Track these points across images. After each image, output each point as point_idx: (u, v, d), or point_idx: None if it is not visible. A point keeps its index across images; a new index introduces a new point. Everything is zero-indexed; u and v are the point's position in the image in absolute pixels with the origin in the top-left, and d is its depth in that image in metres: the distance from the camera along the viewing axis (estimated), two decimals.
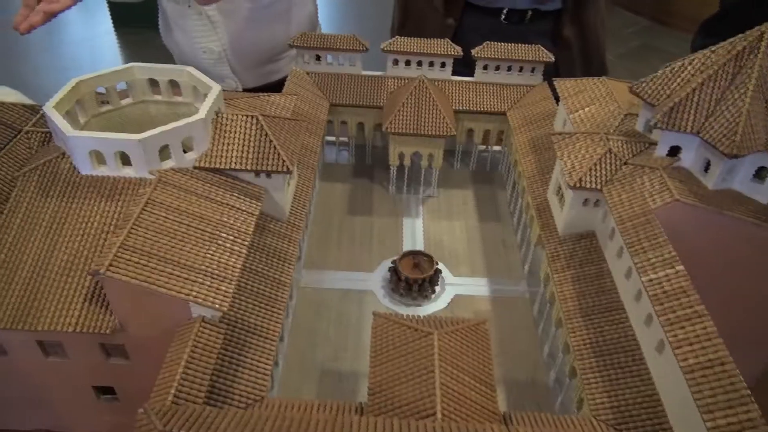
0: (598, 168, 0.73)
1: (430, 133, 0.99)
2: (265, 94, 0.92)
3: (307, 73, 1.11)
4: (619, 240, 0.68)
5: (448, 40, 1.10)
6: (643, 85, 0.73)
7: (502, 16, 1.24)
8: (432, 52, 1.08)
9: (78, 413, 0.72)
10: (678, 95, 0.68)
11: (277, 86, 1.41)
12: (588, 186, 0.72)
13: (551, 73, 1.08)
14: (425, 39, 1.10)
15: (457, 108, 1.09)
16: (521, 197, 1.00)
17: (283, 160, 0.72)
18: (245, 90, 1.38)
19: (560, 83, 0.95)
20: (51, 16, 0.78)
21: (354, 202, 1.10)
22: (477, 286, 0.94)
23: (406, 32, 1.31)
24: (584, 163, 0.74)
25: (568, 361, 0.71)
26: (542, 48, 1.09)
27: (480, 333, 0.61)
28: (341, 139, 1.21)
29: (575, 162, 0.75)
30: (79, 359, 0.65)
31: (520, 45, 1.09)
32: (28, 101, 1.13)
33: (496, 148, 1.21)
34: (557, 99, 1.02)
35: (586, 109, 0.87)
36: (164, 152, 0.70)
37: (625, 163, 0.73)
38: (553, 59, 1.08)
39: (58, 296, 0.61)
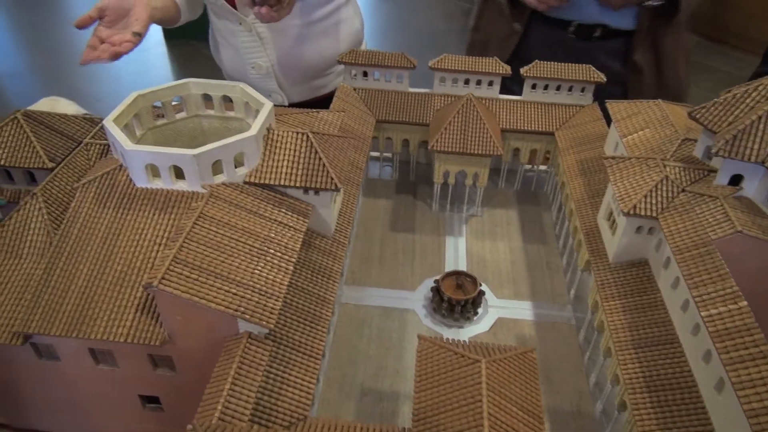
0: (654, 195, 0.70)
1: (476, 152, 0.98)
2: (314, 110, 0.93)
3: (354, 89, 1.12)
4: (675, 270, 0.65)
5: (497, 59, 1.09)
6: (703, 110, 0.71)
7: (570, 30, 1.23)
8: (480, 70, 1.07)
9: (123, 420, 0.73)
10: (742, 122, 0.66)
11: (322, 101, 1.43)
12: (643, 213, 0.70)
13: (618, 96, 1.05)
14: (473, 57, 1.09)
15: (504, 127, 1.07)
16: (568, 220, 0.98)
17: (332, 178, 0.73)
18: (291, 104, 1.40)
19: (613, 105, 0.93)
20: (117, 56, 0.81)
21: (396, 218, 1.09)
22: (520, 310, 0.92)
23: (478, 35, 1.32)
24: (639, 190, 0.71)
25: (617, 393, 0.69)
26: (593, 68, 1.07)
27: (528, 361, 0.60)
28: (385, 154, 1.21)
29: (629, 188, 0.72)
30: (128, 368, 0.66)
31: (570, 64, 1.07)
32: (83, 111, 1.17)
33: (542, 167, 1.19)
34: (608, 121, 1.00)
35: (640, 132, 0.84)
36: (216, 166, 0.71)
37: (683, 191, 0.70)
38: (605, 80, 1.05)
39: (111, 306, 0.62)
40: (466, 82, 1.10)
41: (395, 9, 4.72)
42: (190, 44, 4.10)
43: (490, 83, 1.10)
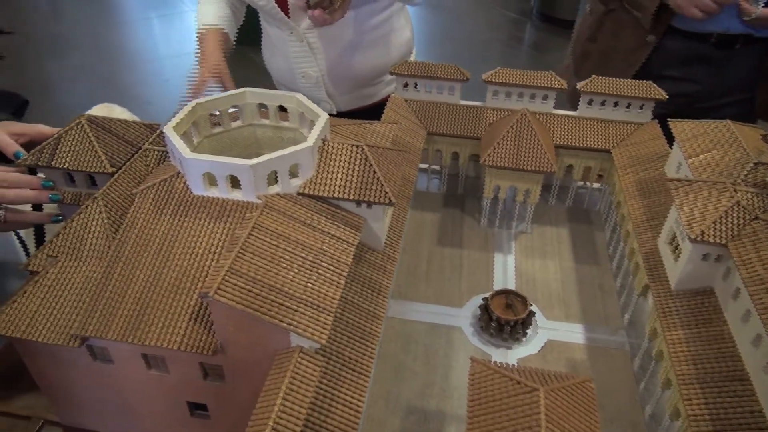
0: (724, 221, 0.67)
1: (529, 168, 0.96)
2: (367, 121, 0.93)
3: (405, 100, 1.11)
4: (747, 302, 0.62)
5: (552, 73, 1.06)
6: None
7: (711, 41, 1.21)
8: (536, 84, 1.05)
9: (171, 425, 0.74)
10: None
11: (370, 110, 1.43)
12: (711, 240, 0.66)
13: (747, 106, 1.03)
14: (529, 71, 1.07)
15: (557, 143, 1.05)
16: (623, 241, 0.94)
17: (386, 192, 0.72)
18: (339, 113, 1.41)
19: (677, 124, 0.89)
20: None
21: (444, 232, 1.08)
22: (571, 333, 0.89)
23: (595, 46, 1.32)
24: (707, 215, 0.68)
25: (678, 428, 0.65)
26: (653, 84, 1.04)
27: (586, 392, 0.57)
28: (433, 167, 1.20)
29: (696, 212, 0.69)
30: (179, 375, 0.67)
31: (628, 81, 1.04)
32: (136, 118, 1.20)
33: (595, 185, 1.15)
34: (669, 140, 0.96)
35: (707, 154, 0.81)
36: (271, 177, 0.71)
37: (756, 218, 0.67)
38: (666, 97, 1.02)
39: (165, 313, 0.63)
40: (520, 96, 1.08)
41: (439, 18, 4.72)
42: (237, 48, 4.19)
43: (545, 98, 1.07)
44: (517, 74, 1.06)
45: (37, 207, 0.86)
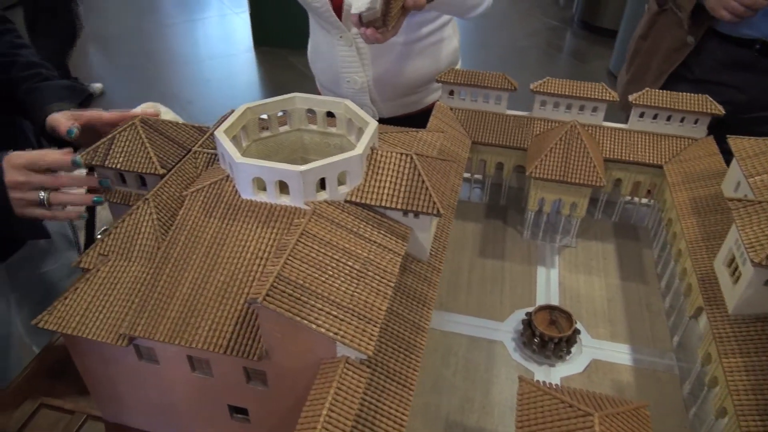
0: None
1: (577, 181, 0.94)
2: (413, 129, 0.92)
3: (451, 109, 1.10)
4: None
5: (604, 85, 1.04)
6: None
7: (756, 47, 1.19)
8: (586, 96, 1.02)
9: (211, 427, 0.74)
10: None
11: (412, 117, 1.42)
12: None
13: None
14: (579, 82, 1.05)
15: (606, 156, 1.02)
16: (674, 260, 0.91)
17: (434, 202, 0.71)
18: (381, 119, 1.40)
19: (735, 141, 0.86)
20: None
21: (486, 243, 1.06)
22: (617, 353, 0.86)
23: (646, 44, 1.32)
24: None
25: None
26: (709, 98, 1.00)
27: (642, 419, 0.55)
28: (476, 176, 1.18)
29: (760, 235, 0.66)
30: (222, 378, 0.67)
31: (684, 94, 1.00)
32: (179, 118, 1.22)
33: (644, 200, 1.12)
34: (725, 156, 0.93)
35: None
36: (319, 184, 0.71)
37: None
38: (723, 113, 0.98)
39: (212, 316, 0.63)
40: (568, 107, 1.06)
41: (477, 25, 4.69)
42: (276, 51, 4.24)
43: (594, 109, 1.05)
44: (566, 84, 1.04)
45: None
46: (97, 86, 3.82)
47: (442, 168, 0.78)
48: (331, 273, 0.63)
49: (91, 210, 0.95)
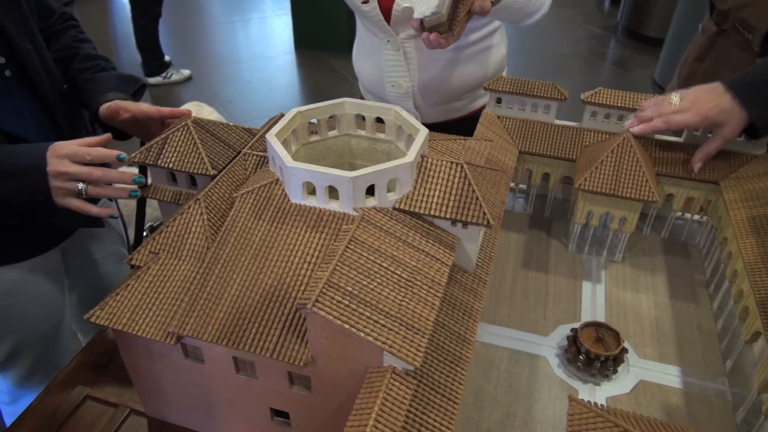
0: None
1: (628, 195, 0.91)
2: (461, 137, 0.91)
3: (498, 117, 1.09)
4: None
5: (657, 96, 1.01)
6: None
7: None
8: (639, 107, 0.99)
9: (250, 428, 0.74)
10: None
11: (455, 123, 1.41)
12: None
13: None
14: (632, 93, 1.02)
15: (659, 170, 0.99)
16: (730, 281, 0.88)
17: (484, 213, 0.70)
18: (423, 125, 1.39)
19: None
20: None
21: (529, 255, 1.04)
22: (666, 375, 0.83)
23: (703, 66, 1.29)
24: None
25: None
26: None
27: None
28: (520, 186, 1.16)
29: None
30: (266, 381, 0.67)
31: None
32: (222, 117, 1.25)
33: (696, 217, 1.08)
34: None
35: None
36: (369, 190, 0.70)
37: None
38: None
39: (260, 319, 0.63)
40: (620, 118, 1.03)
41: (519, 32, 4.64)
42: (316, 54, 4.28)
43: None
44: (619, 95, 1.01)
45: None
46: (186, 72, 3.97)
47: (493, 178, 0.77)
48: (379, 281, 0.62)
49: (141, 204, 0.97)
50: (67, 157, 0.79)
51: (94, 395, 0.83)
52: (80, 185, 0.80)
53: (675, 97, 0.93)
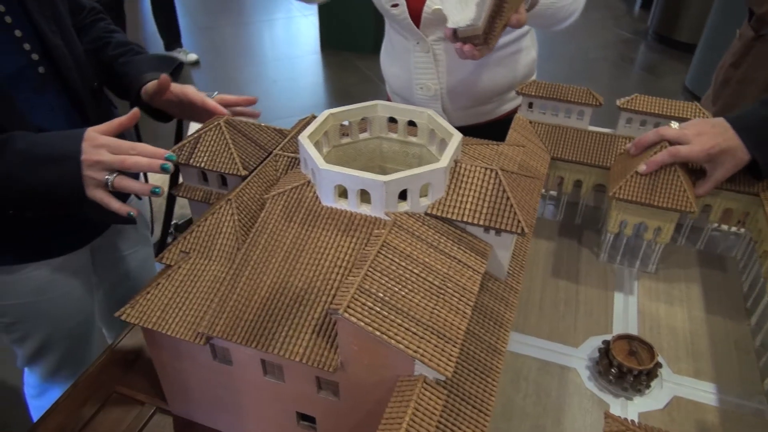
0: None
1: (665, 205, 0.89)
2: (493, 142, 0.89)
3: (530, 122, 1.07)
4: None
5: (696, 103, 0.98)
6: None
7: None
8: (677, 115, 0.97)
9: (276, 431, 0.74)
10: None
11: (483, 127, 1.40)
12: None
13: None
14: (669, 100, 0.99)
15: (695, 180, 0.96)
16: None
17: (519, 220, 0.68)
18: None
19: None
20: None
21: (559, 263, 1.02)
22: (701, 392, 0.80)
23: (739, 72, 1.28)
24: None
25: None
26: None
27: None
28: (551, 192, 1.14)
29: None
30: (293, 385, 0.66)
31: None
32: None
33: (733, 228, 1.05)
34: None
35: None
36: (401, 195, 0.69)
37: None
38: None
39: (289, 323, 0.63)
40: (656, 125, 1.00)
41: (547, 35, 4.59)
42: (342, 54, 4.29)
43: None
44: (656, 102, 0.99)
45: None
46: (193, 57, 4.03)
47: (527, 185, 0.76)
48: (410, 288, 0.61)
49: (170, 202, 0.97)
50: (105, 146, 0.78)
51: (121, 391, 0.84)
52: (109, 176, 0.78)
53: (674, 125, 0.90)
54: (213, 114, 0.95)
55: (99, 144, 0.78)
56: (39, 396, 1.15)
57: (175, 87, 0.97)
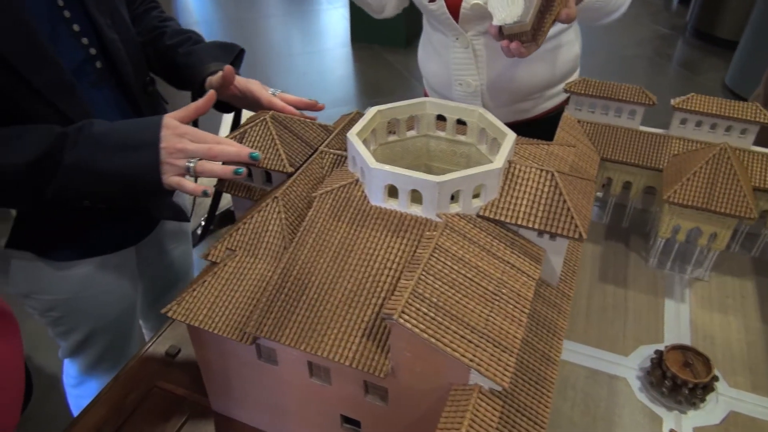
0: None
1: (723, 210, 0.85)
2: (543, 142, 0.87)
3: (579, 121, 1.03)
4: None
5: (757, 104, 0.94)
6: None
7: None
8: (735, 116, 0.93)
9: None
10: None
11: (522, 125, 1.36)
12: None
13: None
14: (727, 100, 0.95)
15: (755, 185, 0.92)
16: None
17: (576, 225, 0.65)
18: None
19: None
20: None
21: (606, 267, 0.99)
22: (760, 407, 0.77)
23: None
24: None
25: None
26: None
27: None
28: (597, 193, 1.11)
29: None
30: (340, 388, 0.65)
31: None
32: None
33: None
34: None
35: None
36: (453, 196, 0.67)
37: None
38: None
39: (339, 325, 0.61)
40: (713, 127, 0.96)
41: (582, 31, 4.50)
42: (372, 48, 4.27)
43: (743, 131, 0.95)
44: (713, 103, 0.95)
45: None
46: None
47: (582, 187, 0.73)
48: (464, 293, 0.59)
49: (215, 197, 0.96)
50: (188, 135, 0.76)
51: (161, 386, 0.84)
52: (191, 162, 0.75)
53: None
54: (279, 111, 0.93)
55: (181, 132, 0.75)
56: (78, 386, 1.16)
57: (240, 82, 0.94)
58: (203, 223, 1.88)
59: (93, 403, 0.82)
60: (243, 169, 0.77)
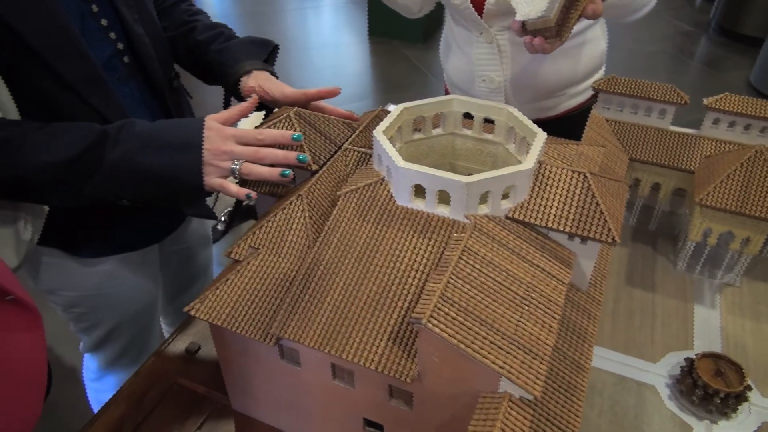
0: None
1: (759, 214, 0.82)
2: (571, 141, 0.84)
3: (606, 120, 1.01)
4: None
5: None
6: None
7: None
8: None
9: None
10: None
11: (546, 123, 1.33)
12: None
13: None
14: (761, 100, 0.92)
15: None
16: None
17: (610, 229, 0.63)
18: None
19: None
20: None
21: (633, 271, 0.97)
22: None
23: None
24: None
25: None
26: None
27: None
28: None
29: None
30: (363, 391, 0.64)
31: None
32: None
33: None
34: None
35: None
36: (482, 197, 0.65)
37: None
38: None
39: (363, 328, 0.60)
40: (746, 127, 0.93)
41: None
42: (390, 42, 4.24)
43: None
44: (747, 103, 0.92)
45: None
46: None
47: (614, 189, 0.71)
48: (493, 297, 0.57)
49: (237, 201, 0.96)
50: (233, 137, 0.74)
51: (181, 383, 0.83)
52: (236, 164, 0.74)
53: None
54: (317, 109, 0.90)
55: (226, 135, 0.74)
56: (98, 380, 1.16)
57: (274, 90, 0.91)
58: (223, 219, 1.88)
59: (113, 399, 0.81)
60: (290, 171, 0.75)
